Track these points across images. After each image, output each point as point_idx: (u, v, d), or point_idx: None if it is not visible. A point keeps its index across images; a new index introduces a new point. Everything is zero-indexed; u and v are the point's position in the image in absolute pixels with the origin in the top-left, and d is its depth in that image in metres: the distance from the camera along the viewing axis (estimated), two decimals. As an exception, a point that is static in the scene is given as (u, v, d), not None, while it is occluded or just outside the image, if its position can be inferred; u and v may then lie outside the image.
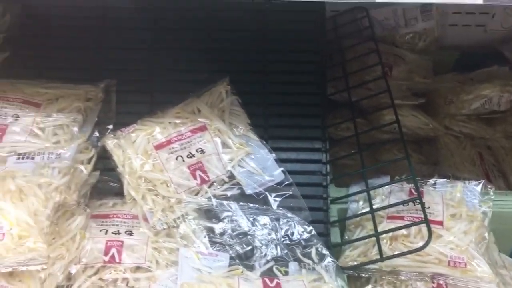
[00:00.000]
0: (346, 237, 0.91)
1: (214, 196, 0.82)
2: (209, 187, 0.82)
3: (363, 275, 0.85)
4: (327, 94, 1.05)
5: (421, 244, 0.81)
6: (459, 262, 0.82)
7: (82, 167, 0.81)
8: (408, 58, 1.20)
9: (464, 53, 1.28)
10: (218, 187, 0.83)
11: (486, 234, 0.88)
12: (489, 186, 0.94)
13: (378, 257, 0.82)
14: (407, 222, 0.85)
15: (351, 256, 0.86)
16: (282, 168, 0.86)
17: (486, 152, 1.13)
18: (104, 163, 0.86)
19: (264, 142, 0.88)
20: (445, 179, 0.94)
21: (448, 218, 0.87)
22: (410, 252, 0.81)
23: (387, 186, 0.94)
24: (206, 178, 0.82)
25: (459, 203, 0.90)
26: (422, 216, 0.84)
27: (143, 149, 0.83)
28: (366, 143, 1.10)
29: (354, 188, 0.95)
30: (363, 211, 0.91)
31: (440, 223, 0.86)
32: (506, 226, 0.96)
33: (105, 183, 0.84)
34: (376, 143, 1.14)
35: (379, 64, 1.09)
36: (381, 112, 1.09)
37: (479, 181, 0.94)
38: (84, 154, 0.83)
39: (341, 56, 1.15)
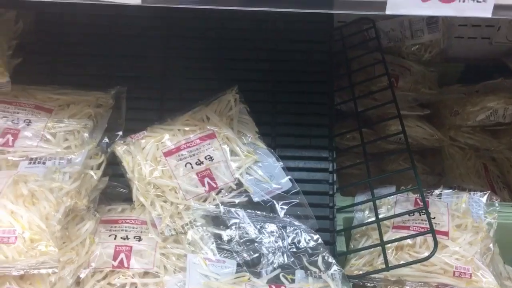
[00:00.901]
0: (352, 246, 0.91)
1: (222, 203, 0.82)
2: (217, 194, 0.83)
3: (369, 284, 0.85)
4: (334, 104, 1.06)
5: (426, 254, 0.81)
6: (465, 273, 0.83)
7: (92, 172, 0.82)
8: (414, 69, 1.22)
9: (470, 65, 1.29)
10: (226, 194, 0.83)
11: (491, 245, 0.88)
12: (494, 198, 0.95)
13: (384, 266, 0.83)
14: (413, 232, 0.86)
15: (357, 265, 0.87)
16: (289, 176, 0.87)
17: (491, 163, 1.14)
18: (113, 169, 0.87)
19: (272, 150, 0.89)
20: (450, 190, 0.95)
21: (454, 229, 0.88)
22: (415, 262, 0.82)
23: (392, 196, 0.95)
24: (214, 185, 0.83)
25: (464, 214, 0.90)
26: (428, 226, 0.84)
27: (153, 156, 0.84)
28: (372, 153, 1.11)
29: (360, 198, 0.96)
30: (369, 220, 0.91)
31: (446, 233, 0.87)
32: (511, 237, 0.96)
33: (114, 188, 0.85)
34: (382, 153, 1.15)
35: (386, 75, 1.10)
36: (387, 122, 1.10)
37: (484, 192, 0.94)
38: (94, 160, 0.84)
39: (347, 66, 1.16)
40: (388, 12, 0.65)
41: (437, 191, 0.95)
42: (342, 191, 0.99)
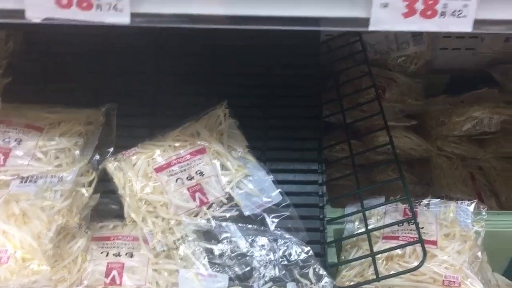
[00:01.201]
0: (343, 257, 0.92)
1: (213, 217, 0.83)
2: (208, 208, 0.84)
3: (360, 295, 0.86)
4: (323, 117, 1.07)
5: (416, 263, 0.83)
6: (454, 282, 0.84)
7: (83, 190, 0.83)
8: (400, 81, 1.24)
9: (455, 76, 1.31)
10: (217, 208, 0.84)
11: (479, 254, 0.89)
12: (481, 206, 0.96)
13: (374, 277, 0.84)
14: (402, 242, 0.87)
15: (348, 276, 0.87)
16: (279, 190, 0.88)
17: (478, 172, 1.16)
18: (105, 186, 0.87)
19: (262, 164, 0.90)
20: (438, 199, 0.96)
21: (442, 238, 0.89)
22: (405, 272, 0.83)
23: (382, 207, 0.96)
24: (205, 200, 0.84)
25: (452, 223, 0.92)
26: (417, 236, 0.85)
27: (144, 172, 0.85)
28: (361, 164, 1.12)
29: (349, 209, 0.97)
30: (359, 231, 0.92)
31: (434, 242, 0.88)
32: (499, 245, 0.97)
33: (105, 205, 0.85)
34: (371, 164, 1.16)
35: (373, 87, 1.12)
36: (375, 133, 1.11)
37: (472, 201, 0.96)
38: (85, 177, 0.84)
39: (335, 79, 1.18)
40: (371, 28, 0.67)
41: (425, 201, 0.96)
42: (333, 202, 1.01)
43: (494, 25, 0.68)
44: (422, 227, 0.89)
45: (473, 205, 0.95)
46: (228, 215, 0.84)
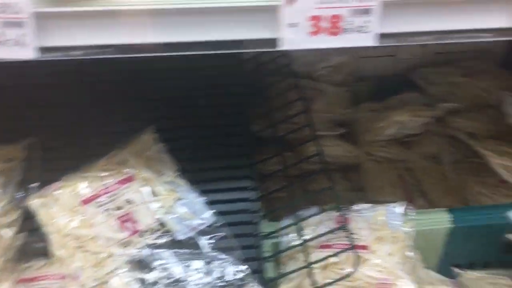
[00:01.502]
0: (281, 271, 0.93)
1: (146, 245, 0.82)
2: (140, 237, 0.82)
3: (300, 307, 0.87)
4: (252, 133, 1.09)
5: (350, 270, 0.85)
6: (386, 284, 0.86)
7: (6, 230, 0.79)
8: (327, 91, 1.28)
9: (379, 83, 1.36)
10: (149, 236, 0.83)
11: (410, 253, 0.93)
12: (410, 207, 1.00)
13: (312, 287, 0.85)
14: (336, 250, 0.89)
15: (287, 289, 0.89)
16: (212, 210, 0.88)
17: (407, 173, 1.20)
18: (30, 223, 0.84)
19: (193, 186, 0.90)
20: (368, 204, 1.00)
21: (374, 242, 0.92)
22: (340, 279, 0.85)
23: (317, 216, 0.98)
24: (137, 229, 0.82)
25: (382, 226, 0.95)
26: (349, 242, 0.88)
27: (70, 206, 0.82)
28: (296, 175, 1.14)
29: (285, 222, 0.98)
30: (295, 243, 0.94)
31: (367, 247, 0.90)
32: (430, 243, 1.02)
33: (31, 244, 0.82)
34: (303, 175, 1.18)
35: (301, 99, 1.15)
36: (306, 144, 1.14)
37: (401, 203, 0.99)
38: (8, 217, 0.81)
39: (264, 94, 1.20)
40: (285, 47, 0.69)
41: (356, 207, 0.99)
42: (270, 216, 1.02)
43: (397, 37, 0.72)
44: (354, 233, 0.92)
45: (402, 207, 0.99)
46: (161, 241, 0.83)
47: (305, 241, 0.92)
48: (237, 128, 1.02)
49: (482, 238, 1.02)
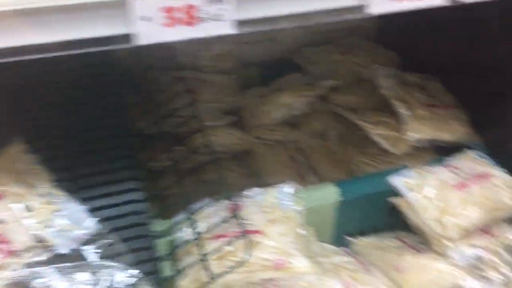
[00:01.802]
0: (177, 267, 0.92)
1: (25, 265, 0.76)
2: (16, 257, 0.76)
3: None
4: (138, 130, 1.06)
5: (244, 256, 0.86)
6: (281, 264, 0.88)
7: None
8: (213, 80, 1.27)
9: (265, 67, 1.38)
10: (28, 255, 0.78)
11: (302, 231, 0.96)
12: (299, 186, 1.03)
13: (209, 279, 0.85)
14: (230, 239, 0.89)
15: (185, 285, 0.87)
16: (96, 218, 0.84)
17: (298, 153, 1.24)
18: None
19: (75, 195, 0.85)
20: (260, 188, 1.01)
21: (266, 225, 0.93)
22: (235, 267, 0.85)
23: (210, 208, 0.98)
24: (11, 249, 0.76)
25: (274, 208, 0.97)
26: (241, 229, 0.89)
27: None
28: (189, 168, 1.13)
29: (178, 218, 0.97)
30: (189, 238, 0.93)
31: (260, 231, 0.92)
32: (321, 217, 1.06)
33: None
34: (194, 168, 1.18)
35: (186, 91, 1.13)
36: (195, 136, 1.13)
37: (290, 183, 1.02)
38: None
39: (148, 89, 1.17)
40: (140, 42, 0.67)
41: (248, 193, 1.00)
42: (163, 215, 1.00)
43: (256, 23, 0.72)
44: (247, 219, 0.93)
45: (291, 187, 1.02)
46: (41, 258, 0.78)
47: (199, 234, 0.91)
48: (118, 128, 0.98)
49: (369, 206, 1.08)
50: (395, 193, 1.03)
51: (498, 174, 1.03)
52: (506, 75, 1.13)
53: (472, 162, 1.05)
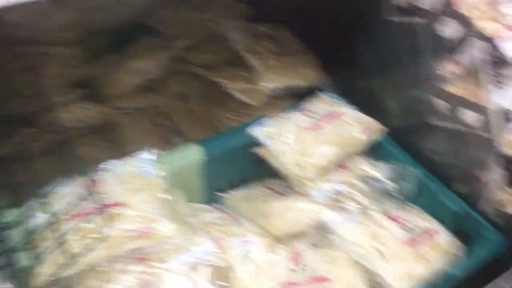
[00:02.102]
0: (35, 255, 0.86)
1: None
2: None
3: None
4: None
5: (103, 230, 0.82)
6: (147, 231, 0.87)
7: None
8: (59, 52, 1.18)
9: (117, 34, 1.30)
10: None
11: (167, 196, 0.94)
12: (161, 151, 1.00)
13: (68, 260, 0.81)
14: (89, 216, 0.85)
15: (44, 273, 0.82)
16: None
17: (160, 118, 1.21)
18: None
19: None
20: (119, 160, 0.97)
21: (127, 195, 0.90)
22: (96, 243, 0.82)
23: (66, 187, 0.92)
24: None
25: (134, 178, 0.94)
26: (100, 204, 0.85)
27: None
28: (39, 150, 1.05)
29: (30, 203, 0.90)
30: (44, 222, 0.87)
31: (119, 203, 0.89)
32: (188, 178, 1.05)
33: None
34: (47, 148, 1.10)
35: (28, 69, 1.04)
36: (42, 115, 1.05)
37: (150, 149, 0.99)
38: None
39: None
40: None
41: (107, 166, 0.96)
42: (17, 203, 0.92)
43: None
44: (106, 193, 0.89)
45: (152, 153, 0.99)
46: None
47: (55, 216, 0.86)
48: None
49: (236, 159, 1.09)
50: (258, 143, 1.06)
51: (348, 111, 1.09)
52: (349, 19, 1.19)
53: (324, 104, 1.10)
